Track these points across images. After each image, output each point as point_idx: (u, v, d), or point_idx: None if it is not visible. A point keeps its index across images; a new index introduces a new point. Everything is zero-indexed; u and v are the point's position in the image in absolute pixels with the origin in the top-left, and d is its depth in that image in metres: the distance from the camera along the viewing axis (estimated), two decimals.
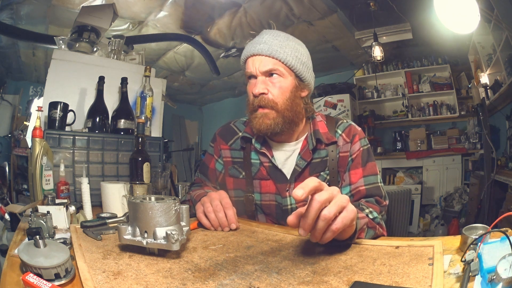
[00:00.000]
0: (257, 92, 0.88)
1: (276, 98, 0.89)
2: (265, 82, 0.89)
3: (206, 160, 1.10)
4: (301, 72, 0.92)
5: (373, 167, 0.93)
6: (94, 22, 1.55)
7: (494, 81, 2.74)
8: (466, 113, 3.64)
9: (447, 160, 3.67)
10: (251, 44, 0.93)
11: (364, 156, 0.93)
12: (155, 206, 0.60)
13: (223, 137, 1.07)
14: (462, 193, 3.49)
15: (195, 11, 2.79)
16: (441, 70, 3.81)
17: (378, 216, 0.81)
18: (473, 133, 3.43)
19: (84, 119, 1.38)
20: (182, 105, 5.66)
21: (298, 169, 0.94)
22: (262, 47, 0.89)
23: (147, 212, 0.60)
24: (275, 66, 0.89)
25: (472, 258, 0.44)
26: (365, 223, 0.73)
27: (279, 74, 0.89)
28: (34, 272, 0.47)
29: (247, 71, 0.92)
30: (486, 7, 2.01)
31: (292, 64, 0.89)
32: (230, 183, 1.04)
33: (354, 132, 0.96)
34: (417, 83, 3.92)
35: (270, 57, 0.89)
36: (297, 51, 0.91)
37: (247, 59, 0.93)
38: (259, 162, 0.99)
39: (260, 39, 0.92)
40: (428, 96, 3.86)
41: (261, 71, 0.89)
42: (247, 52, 0.92)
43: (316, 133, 0.95)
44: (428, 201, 3.68)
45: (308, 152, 0.94)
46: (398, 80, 4.03)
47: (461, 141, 3.61)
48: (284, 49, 0.89)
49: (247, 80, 0.95)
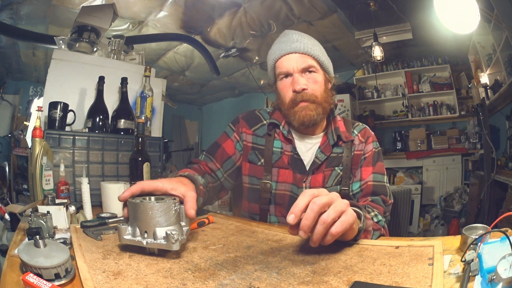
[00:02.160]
0: (300, 88, 0.93)
1: (316, 92, 0.95)
2: (303, 79, 0.94)
3: (220, 139, 1.10)
4: (328, 67, 0.99)
5: (381, 167, 0.99)
6: (94, 22, 1.55)
7: (494, 81, 2.74)
8: (466, 113, 3.64)
9: (447, 160, 3.67)
10: (281, 43, 0.96)
11: (375, 156, 0.99)
12: (155, 206, 0.60)
13: (247, 121, 1.08)
14: (462, 193, 3.49)
15: (195, 11, 2.79)
16: (441, 70, 3.81)
17: (382, 220, 0.85)
18: (473, 133, 3.43)
19: (84, 119, 1.38)
20: (182, 105, 5.66)
21: (318, 162, 0.98)
22: (296, 46, 0.94)
23: (147, 212, 0.60)
24: (311, 63, 0.95)
25: (472, 258, 0.44)
26: (371, 224, 0.76)
27: (314, 70, 0.95)
28: (34, 272, 0.47)
29: (282, 70, 0.96)
30: (486, 7, 2.01)
31: (322, 60, 0.97)
32: (246, 169, 1.06)
33: (369, 134, 1.03)
34: (417, 83, 3.92)
35: (305, 55, 0.94)
36: (321, 48, 0.99)
37: (280, 59, 0.96)
38: (281, 150, 1.02)
39: (290, 38, 0.96)
40: (428, 96, 3.86)
41: (299, 68, 0.94)
42: (280, 51, 0.96)
43: (337, 130, 1.01)
44: (428, 201, 3.68)
45: (328, 147, 1.00)
46: (398, 80, 4.03)
47: (461, 141, 3.61)
48: (315, 47, 0.96)
49: (278, 79, 0.98)
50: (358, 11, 2.82)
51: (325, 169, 0.99)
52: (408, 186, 3.52)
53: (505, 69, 2.47)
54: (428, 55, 3.79)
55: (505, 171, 2.54)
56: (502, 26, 2.17)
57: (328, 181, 0.99)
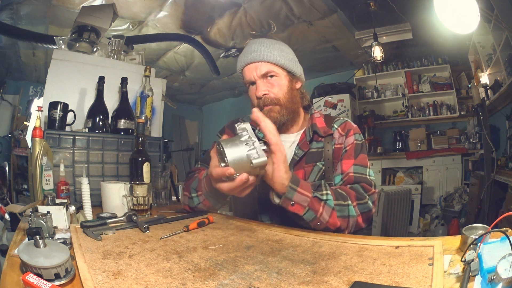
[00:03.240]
0: (261, 94, 0.99)
1: (277, 95, 0.99)
2: (265, 84, 1.00)
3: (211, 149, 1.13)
4: (291, 68, 1.02)
5: (364, 159, 0.99)
6: (94, 22, 1.55)
7: (494, 81, 2.74)
8: (466, 113, 3.64)
9: (447, 160, 3.67)
10: (242, 56, 1.03)
11: (357, 149, 1.00)
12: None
13: (231, 129, 1.12)
14: (462, 193, 3.49)
15: (195, 11, 2.79)
16: (441, 70, 3.81)
17: (331, 199, 0.83)
18: (473, 133, 3.43)
19: (84, 119, 1.38)
20: (182, 105, 5.66)
21: (296, 158, 1.01)
22: (253, 55, 0.99)
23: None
24: (270, 68, 0.99)
25: (472, 258, 0.44)
26: (305, 200, 0.79)
27: (274, 74, 1.00)
28: (34, 272, 0.47)
29: (246, 79, 1.02)
30: (486, 7, 2.01)
31: (282, 62, 1.00)
32: None
33: (350, 127, 1.04)
34: (417, 83, 3.92)
35: (263, 62, 0.99)
36: (282, 51, 1.02)
37: (243, 69, 1.02)
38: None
39: (249, 48, 1.02)
40: (428, 96, 3.86)
41: (258, 75, 0.99)
42: (241, 63, 1.03)
43: (313, 126, 1.04)
44: (428, 201, 3.68)
45: (305, 143, 1.03)
46: (398, 80, 4.03)
47: (461, 141, 3.61)
48: (272, 52, 0.99)
49: (248, 87, 1.05)
50: (358, 11, 2.82)
51: (305, 165, 1.01)
52: (408, 186, 3.52)
53: (505, 69, 2.47)
54: (428, 55, 3.79)
55: (505, 171, 2.53)
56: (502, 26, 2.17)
57: (310, 176, 1.00)
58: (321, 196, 0.82)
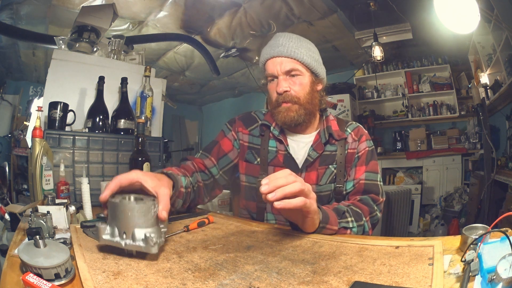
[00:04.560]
0: (282, 90, 0.97)
1: (298, 94, 0.98)
2: (286, 81, 0.98)
3: (217, 137, 1.12)
4: (316, 69, 1.00)
5: (374, 166, 1.00)
6: (94, 22, 1.55)
7: (494, 81, 2.74)
8: (466, 113, 3.64)
9: (447, 160, 3.67)
10: (269, 47, 1.00)
11: (369, 155, 1.00)
12: (135, 207, 0.59)
13: (244, 122, 1.11)
14: (462, 193, 3.49)
15: (195, 11, 2.79)
16: (441, 70, 3.81)
17: (355, 227, 0.85)
18: (473, 133, 3.43)
19: (84, 119, 1.38)
20: (182, 105, 5.66)
21: (310, 159, 1.00)
22: (280, 50, 0.97)
23: (126, 212, 0.59)
24: (295, 66, 0.97)
25: (472, 258, 0.44)
26: (331, 233, 0.78)
27: (298, 72, 0.98)
28: (34, 272, 0.47)
29: (268, 72, 1.00)
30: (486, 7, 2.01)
31: (308, 62, 0.98)
32: (243, 168, 1.08)
33: (362, 133, 1.04)
34: (417, 83, 3.92)
35: (289, 58, 0.97)
36: (310, 50, 1.00)
37: (267, 62, 1.00)
38: (275, 149, 1.04)
39: (276, 42, 0.99)
40: (428, 96, 3.86)
41: (282, 71, 0.97)
42: (266, 55, 1.00)
43: (329, 128, 1.03)
44: (428, 201, 3.68)
45: (320, 145, 1.01)
46: (398, 80, 4.03)
47: (461, 141, 3.61)
48: (300, 50, 0.97)
49: (268, 81, 1.02)
50: (358, 11, 2.82)
51: (318, 167, 1.00)
52: (408, 186, 3.52)
53: (505, 69, 2.47)
54: (428, 55, 3.79)
55: (505, 171, 2.53)
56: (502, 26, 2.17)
57: (322, 179, 1.00)
58: (347, 224, 0.83)
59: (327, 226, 0.76)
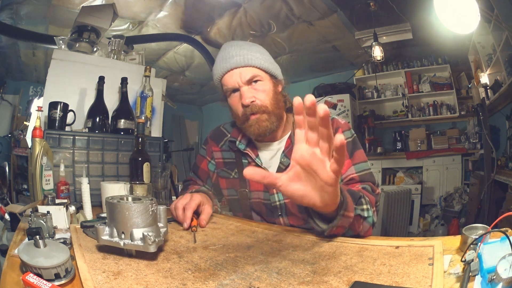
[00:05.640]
0: (248, 101, 0.91)
1: (264, 102, 0.93)
2: (250, 90, 0.93)
3: (197, 160, 1.17)
4: (273, 71, 0.97)
5: (361, 155, 0.92)
6: (94, 22, 1.55)
7: (494, 81, 2.73)
8: (466, 113, 3.64)
9: (447, 160, 3.67)
10: (221, 61, 0.95)
11: (349, 146, 0.92)
12: (132, 207, 0.59)
13: (214, 140, 1.13)
14: (462, 193, 3.49)
15: (195, 11, 2.79)
16: (441, 70, 3.80)
17: (371, 216, 0.76)
18: (473, 133, 3.43)
19: (84, 119, 1.38)
20: (182, 105, 5.66)
21: (282, 167, 0.96)
22: (236, 60, 0.92)
23: (124, 212, 0.59)
24: (255, 72, 0.93)
25: (472, 258, 0.44)
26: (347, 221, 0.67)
27: (259, 78, 0.94)
28: (34, 272, 0.47)
29: (228, 86, 0.95)
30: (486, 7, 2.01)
31: (266, 66, 0.94)
32: (223, 183, 1.09)
33: (337, 125, 0.96)
34: (417, 83, 3.92)
35: (247, 67, 0.92)
36: (263, 54, 0.96)
37: (224, 76, 0.95)
38: (247, 161, 1.03)
39: (227, 53, 0.94)
40: (428, 96, 3.86)
41: (243, 81, 0.92)
42: (221, 69, 0.94)
43: None
44: (428, 201, 3.68)
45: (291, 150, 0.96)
46: (398, 80, 4.03)
47: (461, 141, 3.60)
48: (255, 55, 0.93)
49: (228, 95, 0.97)
50: (358, 11, 2.82)
51: None
52: (408, 186, 3.52)
53: (505, 69, 2.47)
54: (428, 55, 3.78)
55: (505, 171, 2.53)
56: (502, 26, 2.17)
57: None
58: (362, 213, 0.73)
59: (345, 213, 0.64)
